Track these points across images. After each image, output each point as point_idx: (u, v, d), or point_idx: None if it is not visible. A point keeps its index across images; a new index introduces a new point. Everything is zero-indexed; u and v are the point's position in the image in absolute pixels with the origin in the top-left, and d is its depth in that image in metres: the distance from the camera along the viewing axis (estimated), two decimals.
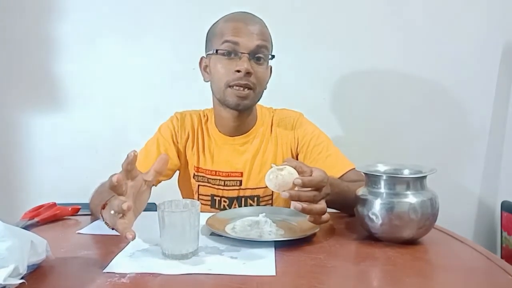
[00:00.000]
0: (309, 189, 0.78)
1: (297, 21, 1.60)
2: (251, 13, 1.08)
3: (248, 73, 1.00)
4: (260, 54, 1.02)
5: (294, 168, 0.79)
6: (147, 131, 1.16)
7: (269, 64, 1.11)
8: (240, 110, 1.06)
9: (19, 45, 1.63)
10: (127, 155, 0.70)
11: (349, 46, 1.61)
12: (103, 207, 0.75)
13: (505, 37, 1.61)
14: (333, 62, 1.62)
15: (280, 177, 0.77)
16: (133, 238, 0.65)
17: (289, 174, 0.77)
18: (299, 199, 0.77)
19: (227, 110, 1.08)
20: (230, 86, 1.02)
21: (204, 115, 1.17)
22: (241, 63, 1.00)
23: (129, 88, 1.65)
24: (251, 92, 1.03)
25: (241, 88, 1.01)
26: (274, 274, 0.66)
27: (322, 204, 0.80)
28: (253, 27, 1.02)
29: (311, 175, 0.79)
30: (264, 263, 0.70)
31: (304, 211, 0.78)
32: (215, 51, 1.03)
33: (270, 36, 1.09)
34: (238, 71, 1.00)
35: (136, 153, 0.71)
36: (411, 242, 0.79)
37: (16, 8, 1.61)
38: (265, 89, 1.10)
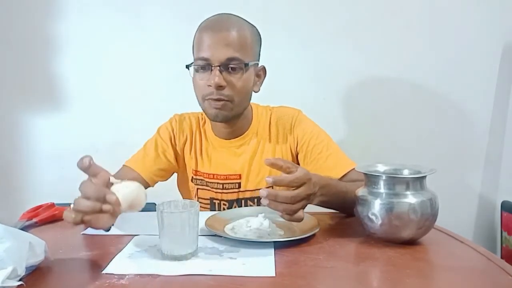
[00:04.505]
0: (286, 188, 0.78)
1: (297, 20, 1.60)
2: (228, 16, 1.03)
3: (220, 87, 0.98)
4: (233, 65, 0.99)
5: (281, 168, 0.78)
6: (147, 131, 1.16)
7: (260, 65, 1.08)
8: (221, 121, 1.05)
9: (19, 45, 1.63)
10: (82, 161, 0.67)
11: (349, 46, 1.61)
12: None
13: (505, 37, 1.61)
14: (333, 62, 1.62)
15: None
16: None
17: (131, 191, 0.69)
18: (275, 199, 0.76)
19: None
20: (206, 99, 1.01)
21: (202, 118, 1.16)
22: (212, 77, 0.97)
23: (129, 88, 1.65)
24: (228, 103, 1.00)
25: (216, 101, 1.00)
26: (274, 275, 0.65)
27: (297, 206, 0.79)
28: (224, 36, 0.97)
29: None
30: (263, 263, 0.70)
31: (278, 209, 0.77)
32: (187, 67, 1.02)
33: (253, 39, 1.03)
34: (210, 85, 0.98)
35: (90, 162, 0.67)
36: (411, 242, 0.79)
37: (17, 8, 1.61)
38: (257, 91, 1.08)
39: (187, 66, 1.03)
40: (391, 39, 1.61)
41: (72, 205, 0.67)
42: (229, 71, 0.99)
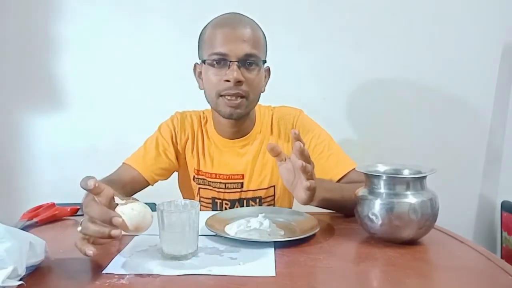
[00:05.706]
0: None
1: (297, 20, 1.60)
2: (240, 15, 1.03)
3: (238, 82, 0.97)
4: (250, 61, 0.99)
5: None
6: (147, 131, 1.16)
7: (266, 66, 1.08)
8: (235, 119, 1.04)
9: (19, 45, 1.63)
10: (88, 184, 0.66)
11: (349, 46, 1.61)
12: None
13: (505, 37, 1.61)
14: (333, 62, 1.62)
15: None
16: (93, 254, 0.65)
17: (138, 213, 0.68)
18: (303, 152, 0.74)
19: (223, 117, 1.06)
20: (221, 96, 1.00)
21: (204, 117, 1.16)
22: (230, 72, 0.96)
23: (129, 88, 1.65)
24: (244, 100, 1.00)
25: (233, 97, 0.99)
26: (274, 274, 0.65)
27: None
28: (242, 33, 0.98)
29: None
30: (263, 263, 0.70)
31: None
32: (203, 62, 1.01)
33: (264, 38, 1.04)
34: (228, 80, 0.97)
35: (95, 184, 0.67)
36: (411, 242, 0.79)
37: (17, 8, 1.61)
38: (263, 91, 1.08)
39: (203, 61, 1.01)
40: (391, 39, 1.61)
41: (79, 228, 0.68)
42: (246, 67, 0.99)
